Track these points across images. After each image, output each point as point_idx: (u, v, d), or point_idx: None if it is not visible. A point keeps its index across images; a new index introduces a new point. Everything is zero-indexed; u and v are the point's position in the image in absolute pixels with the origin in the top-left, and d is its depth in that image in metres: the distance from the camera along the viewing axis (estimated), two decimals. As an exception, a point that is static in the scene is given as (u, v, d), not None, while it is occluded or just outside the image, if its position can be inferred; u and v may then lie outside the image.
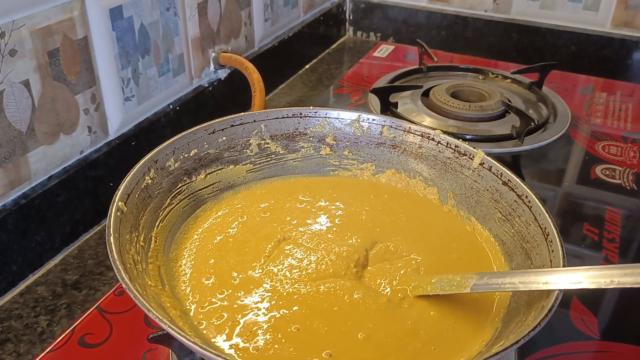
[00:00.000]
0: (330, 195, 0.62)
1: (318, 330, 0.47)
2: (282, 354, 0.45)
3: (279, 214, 0.59)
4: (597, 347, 0.55)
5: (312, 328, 0.47)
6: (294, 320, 0.47)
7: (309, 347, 0.45)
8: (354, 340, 0.46)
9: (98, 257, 0.67)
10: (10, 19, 0.56)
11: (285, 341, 0.46)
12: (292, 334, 0.46)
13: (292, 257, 0.54)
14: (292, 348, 0.45)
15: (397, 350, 0.45)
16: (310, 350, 0.45)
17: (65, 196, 0.66)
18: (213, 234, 0.57)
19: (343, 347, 0.45)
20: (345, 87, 1.01)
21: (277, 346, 0.45)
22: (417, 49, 1.03)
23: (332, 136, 0.65)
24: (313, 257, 0.54)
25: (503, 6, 1.14)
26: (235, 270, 0.52)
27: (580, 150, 0.85)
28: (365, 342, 0.46)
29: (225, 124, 0.61)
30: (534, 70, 0.97)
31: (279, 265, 0.53)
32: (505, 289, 0.46)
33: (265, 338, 0.46)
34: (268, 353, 0.45)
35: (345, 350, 0.45)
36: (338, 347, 0.45)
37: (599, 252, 0.66)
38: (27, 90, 0.59)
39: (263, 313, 0.48)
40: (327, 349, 0.45)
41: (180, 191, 0.57)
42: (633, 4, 1.05)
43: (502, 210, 0.55)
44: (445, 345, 0.46)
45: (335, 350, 0.45)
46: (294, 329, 0.47)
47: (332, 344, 0.45)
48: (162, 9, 0.75)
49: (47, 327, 0.58)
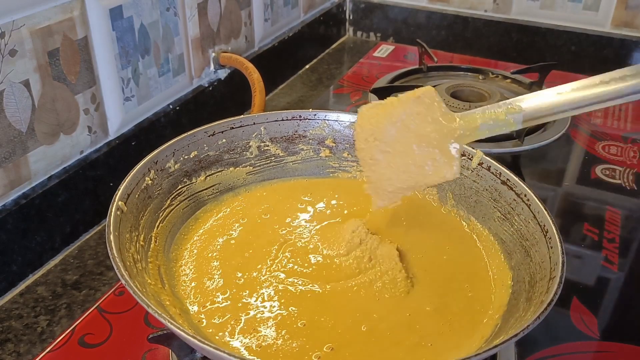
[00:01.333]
0: (330, 196, 0.63)
1: (321, 325, 0.47)
2: (285, 349, 0.45)
3: (279, 216, 0.59)
4: (597, 347, 0.55)
5: (315, 323, 0.47)
6: (297, 317, 0.48)
7: (311, 342, 0.46)
8: (355, 333, 0.46)
9: (98, 257, 0.67)
10: (10, 19, 0.56)
11: (288, 337, 0.46)
12: (295, 329, 0.47)
13: (293, 258, 0.54)
14: (295, 343, 0.45)
15: (395, 345, 0.46)
16: (311, 345, 0.45)
17: (65, 196, 0.66)
18: (214, 235, 0.57)
19: (345, 340, 0.46)
20: (345, 87, 1.01)
21: (280, 342, 0.46)
22: (417, 49, 1.03)
23: (331, 138, 0.65)
24: (314, 257, 0.54)
25: (503, 6, 1.14)
26: (238, 270, 0.52)
27: (580, 150, 0.85)
28: (368, 335, 0.46)
29: (225, 126, 0.61)
30: (534, 70, 0.97)
31: (281, 266, 0.53)
32: (556, 117, 0.46)
33: (267, 335, 0.46)
34: (271, 350, 0.45)
35: (347, 343, 0.46)
36: (340, 341, 0.46)
37: (599, 252, 0.66)
38: (27, 90, 0.59)
39: (265, 311, 0.48)
40: (329, 342, 0.45)
41: (180, 192, 0.57)
42: (633, 4, 1.05)
43: (501, 209, 0.55)
44: (442, 341, 0.46)
45: (336, 344, 0.45)
46: (300, 324, 0.47)
47: (333, 338, 0.46)
48: (162, 9, 0.75)
49: (47, 327, 0.58)
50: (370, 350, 0.45)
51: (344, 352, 0.45)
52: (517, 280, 0.50)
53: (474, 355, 0.37)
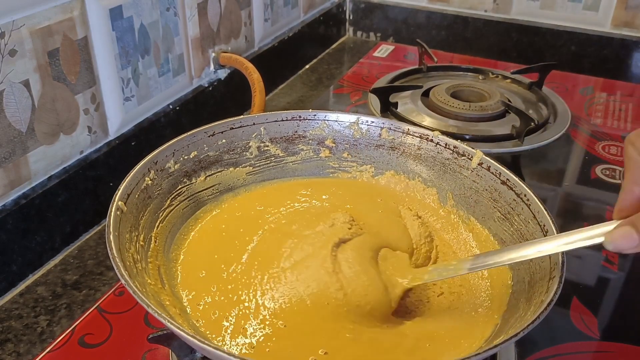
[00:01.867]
0: (330, 197, 0.62)
1: (315, 328, 0.47)
2: (282, 350, 0.45)
3: (279, 217, 0.59)
4: (597, 347, 0.55)
5: (309, 326, 0.47)
6: (293, 318, 0.48)
7: (305, 345, 0.45)
8: (346, 338, 0.46)
9: (98, 257, 0.67)
10: (10, 19, 0.56)
11: (284, 338, 0.46)
12: (284, 330, 0.46)
13: (294, 259, 0.54)
14: (289, 344, 0.45)
15: (394, 348, 0.46)
16: (306, 349, 0.45)
17: (65, 196, 0.66)
18: (213, 234, 0.57)
19: (337, 345, 0.45)
20: (345, 87, 1.01)
21: (278, 341, 0.45)
22: (417, 49, 1.03)
23: (331, 138, 0.65)
24: (315, 257, 0.54)
25: (503, 6, 1.14)
26: (235, 270, 0.52)
27: (580, 150, 0.85)
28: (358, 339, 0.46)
29: (224, 126, 0.61)
30: (534, 70, 0.97)
31: (280, 266, 0.53)
32: (503, 264, 0.47)
33: (263, 334, 0.46)
34: (265, 350, 0.45)
35: (340, 348, 0.45)
36: (332, 345, 0.45)
37: (599, 252, 0.66)
38: (27, 90, 0.59)
39: (261, 310, 0.48)
40: (322, 347, 0.45)
41: (180, 193, 0.57)
42: (633, 4, 1.05)
43: (501, 209, 0.55)
44: (440, 342, 0.46)
45: (330, 349, 0.45)
46: (295, 326, 0.47)
47: (325, 342, 0.46)
48: (162, 9, 0.75)
49: (47, 327, 0.58)
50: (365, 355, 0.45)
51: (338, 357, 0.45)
52: (517, 280, 0.50)
53: (474, 355, 0.37)
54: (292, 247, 0.52)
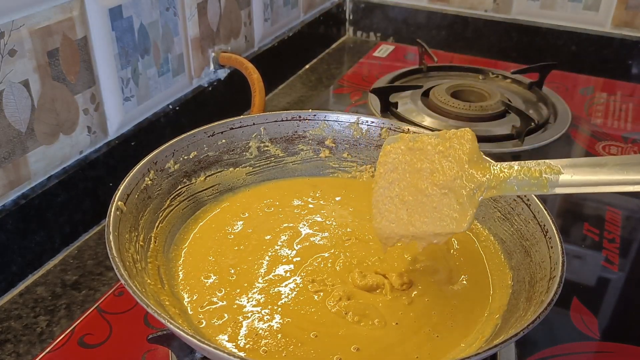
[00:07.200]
0: (330, 197, 0.62)
1: (330, 333, 0.47)
2: (291, 357, 0.45)
3: (278, 217, 0.59)
4: (597, 347, 0.55)
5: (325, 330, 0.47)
6: (302, 322, 0.48)
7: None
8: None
9: (97, 257, 0.67)
10: (10, 19, 0.56)
11: (289, 343, 0.46)
12: (300, 337, 0.47)
13: (295, 258, 0.54)
14: (300, 352, 0.45)
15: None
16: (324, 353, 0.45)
17: (64, 196, 0.66)
18: (213, 235, 0.57)
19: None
20: (345, 87, 1.01)
21: (282, 348, 0.45)
22: (417, 49, 1.03)
23: (331, 139, 0.65)
24: (313, 258, 0.54)
25: (503, 6, 1.14)
26: (235, 270, 0.52)
27: (580, 151, 0.84)
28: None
29: (224, 126, 0.61)
30: (534, 70, 0.97)
31: (282, 267, 0.53)
32: (596, 190, 0.41)
33: (265, 334, 0.46)
34: (266, 350, 0.45)
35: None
36: (362, 342, 0.46)
37: (599, 252, 0.66)
38: (27, 90, 0.59)
39: (264, 314, 0.48)
40: (337, 352, 0.45)
41: (179, 193, 0.57)
42: (633, 4, 1.05)
43: (501, 209, 0.55)
44: (440, 341, 0.47)
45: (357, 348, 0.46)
46: (312, 335, 0.47)
47: (353, 342, 0.46)
48: (161, 9, 0.75)
49: (46, 327, 0.58)
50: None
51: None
52: (517, 280, 0.50)
53: (474, 355, 0.37)
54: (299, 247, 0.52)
